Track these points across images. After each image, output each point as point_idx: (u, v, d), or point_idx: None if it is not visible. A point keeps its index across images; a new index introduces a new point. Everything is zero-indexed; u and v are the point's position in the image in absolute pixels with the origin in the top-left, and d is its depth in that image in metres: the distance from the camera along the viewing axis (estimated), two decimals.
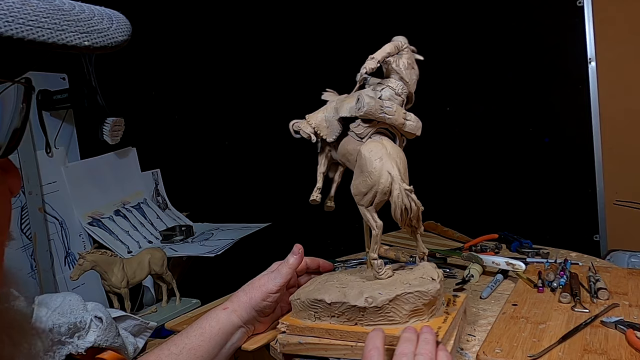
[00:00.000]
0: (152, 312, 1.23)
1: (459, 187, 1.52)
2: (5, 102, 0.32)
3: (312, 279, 0.82)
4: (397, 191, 0.68)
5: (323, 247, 1.43)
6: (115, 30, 0.32)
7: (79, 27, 0.30)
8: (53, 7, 0.30)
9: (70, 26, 0.30)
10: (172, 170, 1.76)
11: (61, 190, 1.39)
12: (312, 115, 0.78)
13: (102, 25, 0.32)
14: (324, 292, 0.71)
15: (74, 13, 0.31)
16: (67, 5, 0.31)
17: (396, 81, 0.74)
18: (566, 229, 1.36)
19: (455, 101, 1.51)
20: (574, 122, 1.34)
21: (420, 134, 0.76)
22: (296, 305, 0.73)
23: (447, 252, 1.08)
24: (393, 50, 0.73)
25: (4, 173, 0.32)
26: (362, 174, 0.70)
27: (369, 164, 0.69)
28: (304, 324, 0.71)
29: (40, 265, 1.29)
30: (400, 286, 0.68)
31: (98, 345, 0.78)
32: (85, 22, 0.31)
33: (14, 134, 0.32)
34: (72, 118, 1.45)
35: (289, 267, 0.76)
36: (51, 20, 0.29)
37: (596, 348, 0.64)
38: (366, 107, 0.69)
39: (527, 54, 1.38)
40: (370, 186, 0.69)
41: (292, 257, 0.77)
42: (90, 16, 0.32)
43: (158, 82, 1.74)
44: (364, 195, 0.70)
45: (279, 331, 0.73)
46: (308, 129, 0.76)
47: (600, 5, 1.26)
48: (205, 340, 0.71)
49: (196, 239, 1.55)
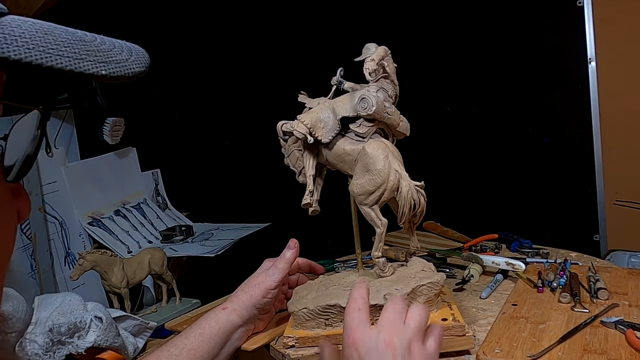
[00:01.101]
0: (152, 312, 1.23)
1: (459, 187, 1.52)
2: (22, 128, 0.33)
3: (305, 282, 0.82)
4: (407, 187, 0.70)
5: (323, 247, 1.43)
6: (134, 62, 0.34)
7: (97, 57, 0.31)
8: (75, 38, 0.31)
9: (89, 55, 0.31)
10: (172, 170, 1.76)
11: (61, 190, 1.39)
12: (304, 115, 0.77)
13: (121, 56, 0.33)
14: (335, 297, 0.70)
15: (95, 44, 0.32)
16: (89, 37, 0.32)
17: (388, 84, 0.75)
18: (566, 229, 1.36)
19: (455, 101, 1.51)
20: (574, 122, 1.33)
21: (409, 134, 0.80)
22: (301, 316, 0.71)
23: (447, 252, 1.08)
24: (385, 54, 0.75)
25: (14, 197, 0.33)
26: (369, 173, 0.71)
27: (377, 163, 0.71)
28: (316, 334, 0.69)
29: (40, 265, 1.29)
30: (410, 281, 0.70)
31: (98, 345, 0.78)
32: (105, 52, 0.32)
33: (26, 159, 0.33)
34: (72, 118, 1.45)
35: (286, 262, 0.76)
36: (71, 50, 0.30)
37: (596, 348, 0.64)
38: (375, 106, 0.71)
39: (527, 54, 1.38)
40: (378, 184, 0.70)
41: (289, 251, 0.77)
42: (111, 47, 0.33)
43: (158, 82, 1.74)
44: (370, 194, 0.71)
45: (287, 346, 0.70)
46: (303, 129, 0.74)
47: (600, 5, 1.26)
48: (205, 341, 0.71)
49: (196, 239, 1.55)
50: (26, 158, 0.33)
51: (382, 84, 0.74)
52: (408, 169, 0.73)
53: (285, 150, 0.83)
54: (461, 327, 0.66)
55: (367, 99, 0.72)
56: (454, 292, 0.89)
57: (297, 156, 0.81)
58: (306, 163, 0.78)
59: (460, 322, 0.66)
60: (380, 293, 0.67)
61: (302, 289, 0.77)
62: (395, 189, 0.71)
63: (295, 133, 0.75)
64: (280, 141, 0.84)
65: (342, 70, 0.79)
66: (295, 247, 0.78)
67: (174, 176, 1.77)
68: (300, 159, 0.81)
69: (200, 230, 1.62)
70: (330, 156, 0.77)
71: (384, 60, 0.74)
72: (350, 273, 0.81)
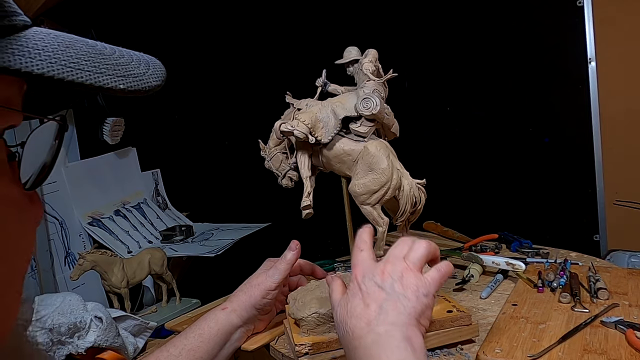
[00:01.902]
0: (152, 312, 1.23)
1: (459, 187, 1.52)
2: (39, 136, 0.34)
3: (305, 285, 0.81)
4: (409, 185, 0.73)
5: (323, 247, 1.43)
6: (151, 76, 0.34)
7: (116, 71, 0.32)
8: (95, 51, 0.32)
9: (108, 69, 0.31)
10: (172, 170, 1.76)
11: (61, 190, 1.39)
12: (303, 115, 0.76)
13: (139, 70, 0.33)
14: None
15: (113, 57, 0.32)
16: (108, 50, 0.33)
17: (380, 85, 0.76)
18: (566, 229, 1.36)
19: (455, 101, 1.51)
20: (574, 122, 1.33)
21: (399, 135, 0.81)
22: (312, 321, 0.69)
23: (447, 252, 1.08)
24: (377, 56, 0.76)
25: (31, 204, 0.34)
26: (372, 172, 0.72)
27: (381, 162, 0.71)
28: (330, 338, 0.68)
29: (40, 265, 1.29)
30: None
31: (98, 345, 0.78)
32: (123, 66, 0.32)
33: (43, 168, 0.34)
34: (72, 118, 1.45)
35: (287, 263, 0.76)
36: (91, 63, 0.31)
37: (596, 348, 0.64)
38: (379, 106, 0.72)
39: (527, 54, 1.38)
40: (383, 183, 0.71)
41: (290, 252, 0.77)
42: (129, 61, 0.33)
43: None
44: (374, 193, 0.72)
45: (300, 354, 0.69)
46: (304, 128, 0.74)
47: (600, 5, 1.26)
48: (204, 341, 0.71)
49: (196, 239, 1.55)
50: (43, 167, 0.34)
51: (376, 86, 0.75)
52: (408, 169, 0.74)
53: (266, 154, 0.83)
54: (467, 316, 0.67)
55: (370, 99, 0.72)
56: (454, 292, 0.89)
57: (280, 159, 0.80)
58: (302, 164, 0.77)
59: (466, 312, 0.67)
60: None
61: (301, 294, 0.74)
62: (398, 187, 0.72)
63: (296, 133, 0.74)
64: (260, 144, 0.84)
65: (326, 71, 0.79)
66: (297, 248, 0.77)
67: (174, 176, 1.77)
68: (284, 162, 0.80)
69: (200, 230, 1.62)
70: (328, 157, 0.76)
71: (377, 62, 0.75)
72: (348, 275, 0.81)
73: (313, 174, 0.81)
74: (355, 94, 0.76)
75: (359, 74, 0.78)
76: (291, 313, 0.71)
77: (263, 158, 0.87)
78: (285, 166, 0.80)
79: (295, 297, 0.74)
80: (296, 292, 0.76)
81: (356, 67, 0.79)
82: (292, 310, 0.71)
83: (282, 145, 0.79)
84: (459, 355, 0.67)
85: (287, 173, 0.80)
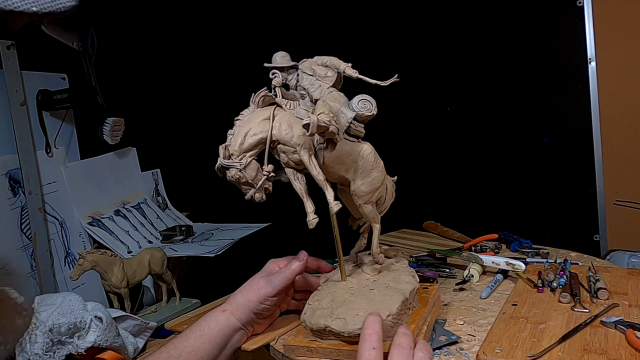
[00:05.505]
0: (152, 312, 1.23)
1: (459, 187, 1.52)
2: None
3: (311, 285, 0.81)
4: (391, 183, 0.78)
5: (323, 247, 1.43)
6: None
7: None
8: None
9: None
10: (172, 170, 1.76)
11: (61, 190, 1.39)
12: (322, 108, 0.69)
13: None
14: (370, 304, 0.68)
15: None
16: None
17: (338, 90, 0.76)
18: (566, 229, 1.36)
19: (455, 101, 1.51)
20: (574, 122, 1.34)
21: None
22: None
23: (447, 252, 1.08)
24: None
25: None
26: (374, 171, 0.73)
27: (378, 161, 0.74)
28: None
29: (40, 265, 1.29)
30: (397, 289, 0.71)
31: (98, 345, 0.78)
32: None
33: None
34: (72, 118, 1.45)
35: (291, 273, 0.75)
36: None
37: (596, 348, 0.64)
38: (375, 110, 0.73)
39: (527, 54, 1.38)
40: (382, 180, 0.74)
41: (296, 262, 0.76)
42: None
43: (158, 82, 1.74)
44: (376, 190, 0.74)
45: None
46: (332, 120, 0.66)
47: (600, 5, 1.26)
48: (204, 343, 0.70)
49: (196, 239, 1.55)
50: None
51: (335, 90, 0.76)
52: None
53: (236, 162, 0.71)
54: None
55: (368, 100, 0.72)
56: (453, 292, 0.89)
57: (256, 167, 0.70)
58: (314, 166, 0.70)
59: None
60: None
61: (316, 300, 0.72)
62: (386, 184, 0.76)
63: (332, 128, 0.65)
64: (221, 150, 0.73)
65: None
66: (304, 260, 0.76)
67: (174, 176, 1.77)
68: (259, 170, 0.70)
69: (200, 230, 1.62)
70: (330, 158, 0.73)
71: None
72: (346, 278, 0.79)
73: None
74: (342, 96, 0.74)
75: (307, 79, 0.77)
76: (319, 321, 0.67)
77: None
78: (261, 176, 0.71)
79: (315, 300, 0.72)
80: (325, 295, 0.72)
81: (302, 73, 0.79)
82: (317, 318, 0.67)
83: (254, 151, 0.70)
84: (459, 355, 0.67)
85: (263, 184, 0.71)
